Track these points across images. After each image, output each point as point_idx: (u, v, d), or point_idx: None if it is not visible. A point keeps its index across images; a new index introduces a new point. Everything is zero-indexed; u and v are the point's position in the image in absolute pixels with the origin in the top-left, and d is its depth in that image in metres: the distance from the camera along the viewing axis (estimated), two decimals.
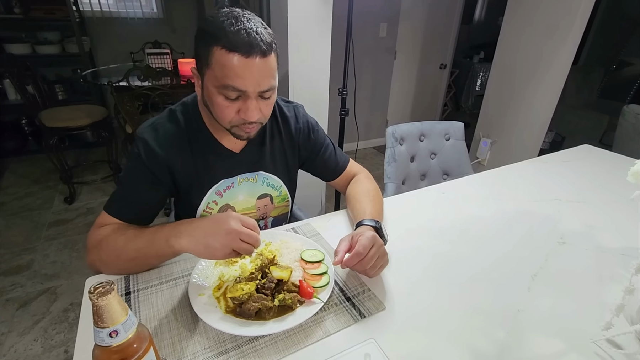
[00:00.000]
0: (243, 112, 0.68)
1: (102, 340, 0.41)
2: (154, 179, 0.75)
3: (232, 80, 0.64)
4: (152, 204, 0.78)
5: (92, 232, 0.73)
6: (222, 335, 0.59)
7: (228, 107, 0.68)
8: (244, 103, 0.68)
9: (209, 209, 0.85)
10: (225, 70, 0.63)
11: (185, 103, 0.81)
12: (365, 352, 0.57)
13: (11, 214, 2.26)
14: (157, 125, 0.76)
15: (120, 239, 0.69)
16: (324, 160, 0.97)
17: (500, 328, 0.62)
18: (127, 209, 0.75)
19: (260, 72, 0.65)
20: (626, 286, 0.56)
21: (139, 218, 0.76)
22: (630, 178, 0.57)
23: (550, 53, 2.14)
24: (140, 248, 0.67)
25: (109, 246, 0.69)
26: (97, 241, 0.70)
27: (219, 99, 0.67)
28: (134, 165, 0.75)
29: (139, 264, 0.70)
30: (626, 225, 0.96)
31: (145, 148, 0.74)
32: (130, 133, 2.25)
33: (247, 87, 0.65)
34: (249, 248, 0.61)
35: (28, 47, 2.93)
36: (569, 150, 1.47)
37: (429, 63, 3.59)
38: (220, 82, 0.65)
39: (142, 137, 0.75)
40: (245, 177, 0.86)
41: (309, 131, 0.93)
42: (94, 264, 0.71)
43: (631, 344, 0.59)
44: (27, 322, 1.52)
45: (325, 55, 1.71)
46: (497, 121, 2.56)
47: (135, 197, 0.75)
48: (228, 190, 0.85)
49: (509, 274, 0.77)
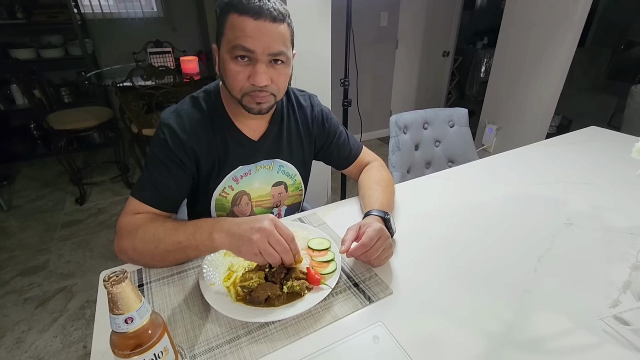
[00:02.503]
0: (252, 76, 0.70)
1: (119, 327, 0.43)
2: (180, 164, 0.77)
3: (242, 40, 0.66)
4: (179, 190, 0.79)
5: (124, 218, 0.72)
6: (234, 322, 0.60)
7: (239, 72, 0.69)
8: (254, 67, 0.69)
9: (225, 194, 0.86)
10: (237, 32, 0.66)
11: (208, 90, 0.82)
12: (373, 334, 0.58)
13: (25, 217, 2.32)
14: (180, 112, 0.78)
15: (160, 230, 0.68)
16: (338, 147, 0.98)
17: (507, 309, 0.63)
18: (156, 194, 0.75)
19: (270, 35, 0.67)
20: (633, 263, 0.56)
21: (168, 204, 0.77)
22: (635, 154, 0.57)
23: (555, 35, 2.10)
24: (180, 240, 0.67)
25: (147, 236, 0.68)
26: (132, 229, 0.70)
27: (231, 65, 0.69)
28: (160, 151, 0.75)
29: (175, 256, 0.70)
30: (633, 204, 0.95)
31: (171, 134, 0.75)
32: (136, 133, 2.27)
33: (256, 47, 0.67)
34: (273, 254, 0.60)
35: (32, 52, 2.97)
36: (575, 133, 1.45)
37: (432, 51, 3.55)
38: (231, 44, 0.67)
39: (167, 122, 0.76)
40: (262, 164, 0.87)
41: (323, 119, 0.94)
42: (126, 251, 0.70)
43: (638, 320, 0.59)
44: (46, 319, 1.57)
45: (326, 46, 1.71)
46: (502, 107, 2.53)
47: (163, 183, 0.75)
48: (245, 177, 0.86)
49: (515, 256, 0.77)
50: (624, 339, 0.57)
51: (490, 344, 0.56)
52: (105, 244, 2.05)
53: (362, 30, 2.94)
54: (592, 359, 0.54)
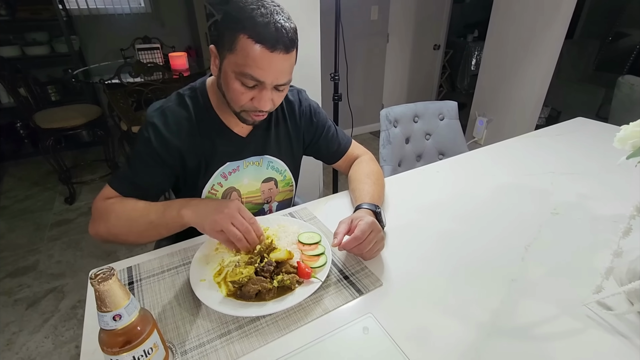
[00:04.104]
0: (257, 100, 0.71)
1: (107, 324, 0.43)
2: (162, 163, 0.78)
3: (253, 70, 0.66)
4: (157, 186, 0.81)
5: (98, 202, 0.77)
6: (224, 317, 0.60)
7: (243, 93, 0.70)
8: (259, 92, 0.70)
9: (214, 191, 0.86)
10: (248, 60, 0.65)
11: (194, 87, 0.82)
12: (363, 326, 0.59)
13: (13, 217, 2.28)
14: (165, 110, 0.78)
15: (132, 212, 0.73)
16: (327, 142, 0.98)
17: (495, 298, 0.64)
18: (132, 189, 0.77)
19: (281, 67, 0.67)
20: (614, 249, 0.57)
21: (144, 199, 0.78)
22: (617, 144, 0.58)
23: (543, 27, 2.12)
24: (152, 220, 0.72)
25: (121, 219, 0.73)
26: (105, 212, 0.74)
27: (235, 84, 0.69)
28: (143, 148, 0.77)
29: (148, 234, 0.74)
30: (618, 193, 0.97)
31: (155, 132, 0.76)
32: (125, 130, 2.24)
33: (266, 78, 0.67)
34: (236, 233, 0.65)
35: (17, 49, 2.90)
36: (562, 124, 1.47)
37: (423, 44, 3.55)
38: (240, 69, 0.66)
39: (151, 121, 0.77)
40: (251, 160, 0.88)
41: (311, 114, 0.94)
42: (101, 234, 0.75)
43: (620, 305, 0.61)
44: (36, 320, 1.55)
45: (315, 40, 1.70)
46: (492, 99, 2.55)
47: (142, 179, 0.78)
48: (233, 174, 0.86)
49: (503, 246, 0.78)
50: (607, 324, 0.58)
51: (478, 333, 0.57)
52: (96, 243, 2.03)
53: (352, 24, 2.92)
54: (576, 343, 0.56)
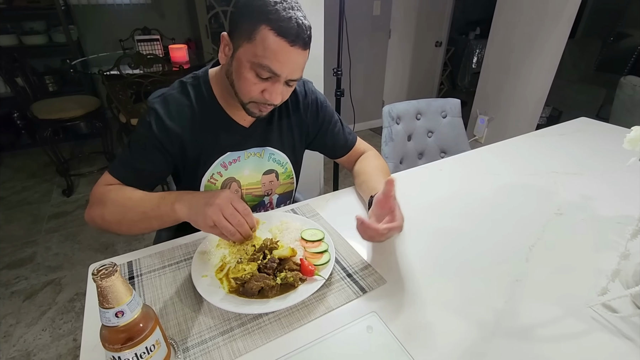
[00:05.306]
0: (268, 93, 0.70)
1: (109, 321, 0.42)
2: (162, 149, 0.77)
3: (271, 62, 0.66)
4: (156, 173, 0.81)
5: (97, 188, 0.76)
6: (227, 314, 0.60)
7: (255, 84, 0.69)
8: (272, 85, 0.70)
9: (213, 180, 0.85)
10: (268, 52, 0.65)
11: (197, 76, 0.81)
12: (367, 324, 0.58)
13: (10, 208, 2.26)
14: (167, 97, 0.78)
15: (128, 201, 0.72)
16: (333, 136, 0.97)
17: (499, 298, 0.64)
18: (131, 175, 0.77)
19: (297, 62, 0.68)
20: (622, 252, 0.57)
21: (143, 185, 0.78)
22: (627, 145, 0.57)
23: (546, 27, 2.11)
24: (146, 211, 0.71)
25: (115, 207, 0.72)
26: (102, 198, 0.73)
27: (249, 75, 0.68)
28: (144, 133, 0.76)
29: (141, 226, 0.73)
30: (622, 194, 0.97)
31: (156, 119, 0.76)
32: (124, 122, 2.22)
33: (282, 72, 0.67)
34: (227, 226, 0.63)
35: (14, 38, 2.86)
36: (565, 124, 1.47)
37: (424, 41, 3.53)
38: (258, 59, 0.66)
39: (153, 107, 0.76)
40: (252, 151, 0.87)
41: (317, 107, 0.93)
42: (95, 219, 0.74)
43: (626, 307, 0.60)
44: (34, 313, 1.54)
45: (318, 34, 1.68)
46: (494, 98, 2.54)
47: (141, 165, 0.77)
48: (234, 164, 0.86)
49: (507, 246, 0.78)
50: (612, 326, 0.58)
51: (482, 333, 0.57)
52: (94, 235, 2.02)
53: (354, 19, 2.90)
54: (580, 345, 0.55)
